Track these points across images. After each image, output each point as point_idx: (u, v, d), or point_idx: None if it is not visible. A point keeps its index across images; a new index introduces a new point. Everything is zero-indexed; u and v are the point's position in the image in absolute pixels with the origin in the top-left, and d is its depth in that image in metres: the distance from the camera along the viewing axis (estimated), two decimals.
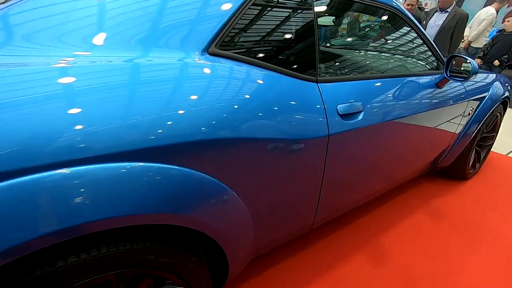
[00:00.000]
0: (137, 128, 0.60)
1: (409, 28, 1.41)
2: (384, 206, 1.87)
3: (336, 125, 0.98)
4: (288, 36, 0.98)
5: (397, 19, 1.35)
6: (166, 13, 0.73)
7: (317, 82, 0.98)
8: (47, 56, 0.62)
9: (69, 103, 0.56)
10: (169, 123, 0.63)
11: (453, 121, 1.73)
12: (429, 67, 1.53)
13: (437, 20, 3.46)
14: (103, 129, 0.57)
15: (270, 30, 0.93)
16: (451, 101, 1.59)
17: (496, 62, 4.66)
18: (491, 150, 2.69)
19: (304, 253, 1.46)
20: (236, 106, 0.74)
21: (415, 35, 1.44)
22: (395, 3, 1.33)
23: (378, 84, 1.20)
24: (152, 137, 0.61)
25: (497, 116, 2.19)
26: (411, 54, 1.49)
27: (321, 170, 1.03)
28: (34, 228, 0.51)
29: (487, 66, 4.87)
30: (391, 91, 1.24)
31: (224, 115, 0.71)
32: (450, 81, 1.43)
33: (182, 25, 0.74)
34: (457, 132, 1.83)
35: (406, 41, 1.44)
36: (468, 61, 1.33)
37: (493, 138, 2.34)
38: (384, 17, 1.36)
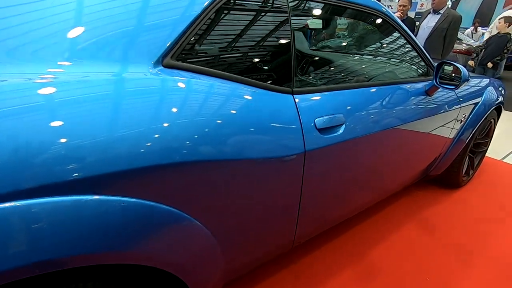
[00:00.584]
0: (68, 156, 0.51)
1: (397, 33, 1.34)
2: (373, 217, 1.79)
3: (313, 140, 0.90)
4: (259, 44, 0.89)
5: (383, 24, 1.27)
6: (109, 21, 0.64)
7: (292, 93, 0.90)
8: None
9: None
10: (107, 148, 0.55)
11: (445, 128, 1.66)
12: (419, 74, 1.46)
13: (430, 22, 3.37)
14: (28, 160, 0.48)
15: (238, 37, 0.85)
16: (442, 108, 1.51)
17: (490, 64, 4.61)
18: (486, 155, 2.63)
19: (286, 270, 1.38)
20: (193, 125, 0.66)
21: (403, 40, 1.36)
22: (383, 7, 1.25)
23: (363, 93, 1.12)
24: (87, 166, 0.53)
25: (491, 122, 2.12)
26: (399, 60, 1.42)
27: (298, 187, 0.95)
28: None
29: (481, 68, 4.83)
30: (377, 101, 1.17)
31: (178, 136, 0.63)
32: (440, 88, 1.36)
33: (131, 34, 0.65)
34: (449, 139, 1.76)
35: (394, 47, 1.37)
36: (458, 68, 1.26)
37: (487, 144, 2.28)
38: (370, 22, 1.28)
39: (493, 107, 1.96)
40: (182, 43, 0.71)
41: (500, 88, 2.17)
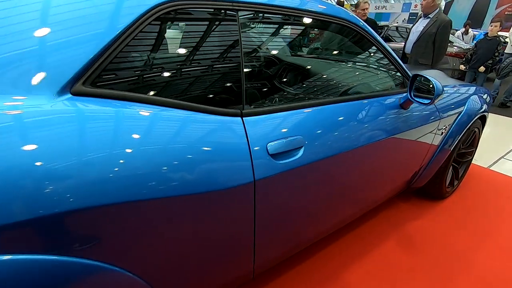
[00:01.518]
0: None
1: (369, 44, 1.26)
2: (350, 234, 1.71)
3: (264, 168, 0.82)
4: (200, 61, 0.81)
5: (354, 35, 1.18)
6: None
7: (242, 116, 0.81)
8: None
9: None
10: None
11: (424, 141, 1.59)
12: (394, 86, 1.38)
13: (419, 26, 3.30)
14: None
15: (174, 55, 0.76)
16: (420, 121, 1.44)
17: (482, 68, 4.56)
18: (473, 162, 2.57)
19: None
20: (114, 162, 0.57)
21: (377, 51, 1.28)
22: (354, 17, 1.16)
23: (328, 111, 1.03)
24: None
25: (475, 131, 2.05)
26: (372, 73, 1.34)
27: (250, 217, 0.86)
28: None
29: (472, 72, 4.78)
30: (345, 118, 1.08)
31: (94, 176, 0.54)
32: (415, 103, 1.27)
33: (25, 57, 0.55)
34: (429, 152, 1.69)
35: (366, 59, 1.29)
36: (431, 82, 1.17)
37: (472, 153, 2.21)
38: (339, 33, 1.19)
39: (477, 117, 1.89)
40: (99, 65, 0.61)
41: (485, 96, 2.10)
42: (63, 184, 0.52)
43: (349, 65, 1.31)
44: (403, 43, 3.50)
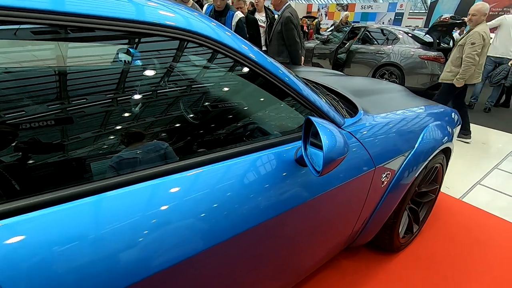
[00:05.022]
0: None
1: (243, 67, 0.78)
2: None
3: None
4: None
5: (197, 54, 0.71)
6: None
7: None
8: None
9: None
10: None
11: (357, 197, 1.14)
12: (289, 130, 0.91)
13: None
14: None
15: None
16: (338, 179, 0.98)
17: None
18: (443, 191, 2.15)
19: None
20: None
21: (255, 77, 0.81)
22: (201, 23, 0.69)
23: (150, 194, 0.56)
24: None
25: (437, 167, 1.61)
26: (241, 114, 0.87)
27: None
28: None
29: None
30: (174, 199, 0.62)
31: None
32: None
33: None
34: (367, 207, 1.24)
35: (226, 91, 0.82)
36: (320, 137, 0.69)
37: (436, 191, 1.77)
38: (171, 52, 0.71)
39: (436, 152, 1.44)
40: None
41: (450, 120, 1.66)
42: None
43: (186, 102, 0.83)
44: None
